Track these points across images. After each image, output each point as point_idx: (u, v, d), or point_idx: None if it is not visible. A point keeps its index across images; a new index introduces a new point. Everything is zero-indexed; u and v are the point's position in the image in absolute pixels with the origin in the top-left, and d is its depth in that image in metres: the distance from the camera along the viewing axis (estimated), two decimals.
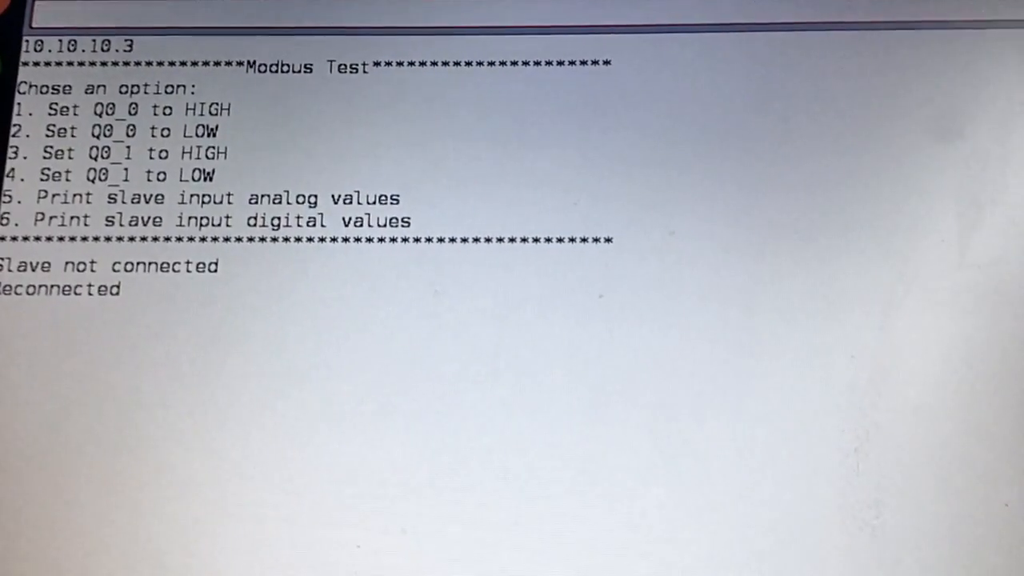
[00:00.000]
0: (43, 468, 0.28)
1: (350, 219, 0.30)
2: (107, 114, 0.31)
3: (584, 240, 0.30)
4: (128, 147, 0.31)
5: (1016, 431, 0.28)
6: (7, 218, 0.30)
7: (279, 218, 0.30)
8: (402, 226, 0.30)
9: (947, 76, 0.31)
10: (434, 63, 0.31)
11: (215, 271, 0.30)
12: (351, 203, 0.30)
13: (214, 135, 0.31)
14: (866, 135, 0.30)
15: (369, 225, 0.30)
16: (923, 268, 0.29)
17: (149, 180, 0.31)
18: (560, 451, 0.28)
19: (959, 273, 0.29)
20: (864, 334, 0.29)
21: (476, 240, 0.30)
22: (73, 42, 0.32)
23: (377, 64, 0.31)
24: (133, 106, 0.31)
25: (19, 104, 0.31)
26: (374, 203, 0.30)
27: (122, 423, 0.29)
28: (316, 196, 0.30)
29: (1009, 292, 0.29)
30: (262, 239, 0.30)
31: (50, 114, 0.31)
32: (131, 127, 0.31)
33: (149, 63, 0.31)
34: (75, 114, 0.31)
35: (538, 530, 0.28)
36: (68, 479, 0.28)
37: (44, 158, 0.31)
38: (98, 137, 0.31)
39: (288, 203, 0.30)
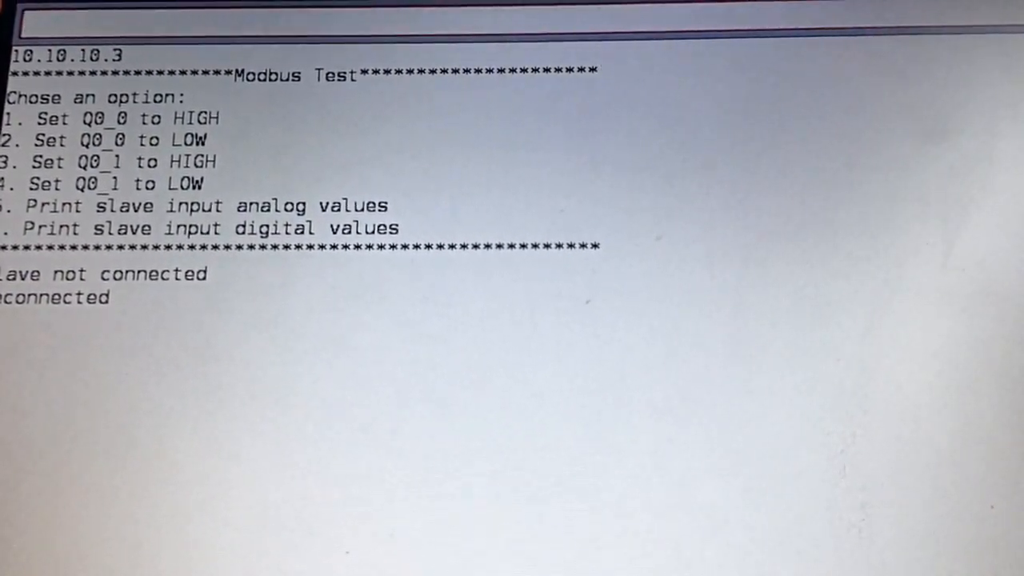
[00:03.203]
0: (34, 475, 0.28)
1: (338, 226, 0.30)
2: (96, 123, 0.31)
3: (571, 246, 0.30)
4: (117, 156, 0.31)
5: (1002, 433, 0.28)
6: None
7: (268, 226, 0.30)
8: (390, 233, 0.30)
9: (932, 80, 0.31)
10: (421, 71, 0.31)
11: (204, 279, 0.30)
12: (339, 210, 0.30)
13: (203, 143, 0.31)
14: (852, 139, 0.30)
15: (357, 232, 0.30)
16: (909, 271, 0.29)
17: (138, 189, 0.31)
18: (549, 456, 0.28)
19: (945, 276, 0.29)
20: (850, 337, 0.29)
21: (464, 247, 0.30)
22: (62, 52, 0.32)
23: (365, 72, 0.31)
24: (122, 115, 0.31)
25: (8, 114, 0.31)
26: (362, 210, 0.30)
27: (112, 431, 0.29)
28: (304, 204, 0.30)
29: (994, 294, 0.29)
30: (251, 247, 0.30)
31: (39, 124, 0.31)
32: (120, 136, 0.31)
33: (138, 72, 0.32)
34: (64, 123, 0.31)
35: (527, 535, 0.28)
36: (59, 486, 0.28)
37: (34, 167, 0.31)
38: (87, 146, 0.31)
39: (277, 211, 0.30)
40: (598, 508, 0.28)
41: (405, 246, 0.30)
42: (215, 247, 0.30)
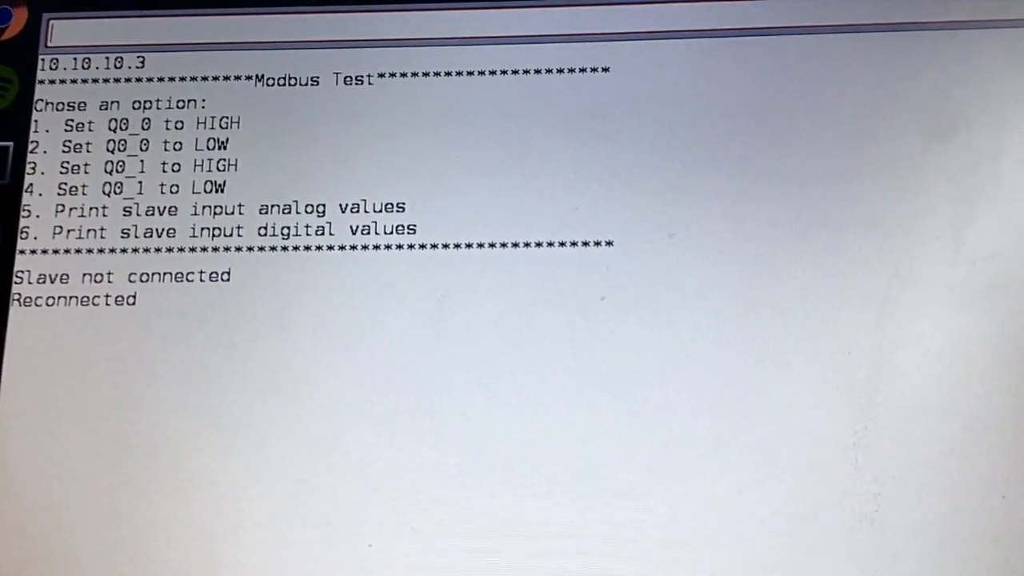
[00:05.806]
0: (61, 474, 0.29)
1: (357, 227, 0.31)
2: (121, 129, 0.32)
3: (585, 244, 0.30)
4: (142, 161, 0.32)
5: (1013, 425, 0.29)
6: (26, 232, 0.31)
7: (289, 227, 0.31)
8: (408, 233, 0.31)
9: (940, 75, 0.31)
10: (437, 73, 0.32)
11: (227, 280, 0.31)
12: (358, 212, 0.31)
13: (225, 148, 0.32)
14: (861, 135, 0.31)
15: (376, 233, 0.31)
16: (919, 265, 0.30)
17: (163, 193, 0.31)
18: (564, 451, 0.29)
19: (954, 269, 0.30)
20: (861, 330, 0.29)
21: (480, 246, 0.31)
22: (87, 60, 0.32)
23: (382, 76, 0.32)
24: (146, 121, 0.32)
25: (36, 121, 0.32)
26: (380, 211, 0.31)
27: (138, 429, 0.29)
28: (324, 205, 0.31)
29: (1004, 287, 0.29)
30: (272, 248, 0.31)
31: (66, 130, 0.32)
32: (144, 141, 0.32)
33: (161, 79, 0.32)
34: (90, 130, 0.32)
35: (543, 528, 0.28)
36: (86, 484, 0.29)
37: (61, 173, 0.32)
38: (113, 152, 0.32)
39: (297, 212, 0.31)
40: (613, 501, 0.29)
41: (423, 246, 0.31)
42: (238, 249, 0.31)
